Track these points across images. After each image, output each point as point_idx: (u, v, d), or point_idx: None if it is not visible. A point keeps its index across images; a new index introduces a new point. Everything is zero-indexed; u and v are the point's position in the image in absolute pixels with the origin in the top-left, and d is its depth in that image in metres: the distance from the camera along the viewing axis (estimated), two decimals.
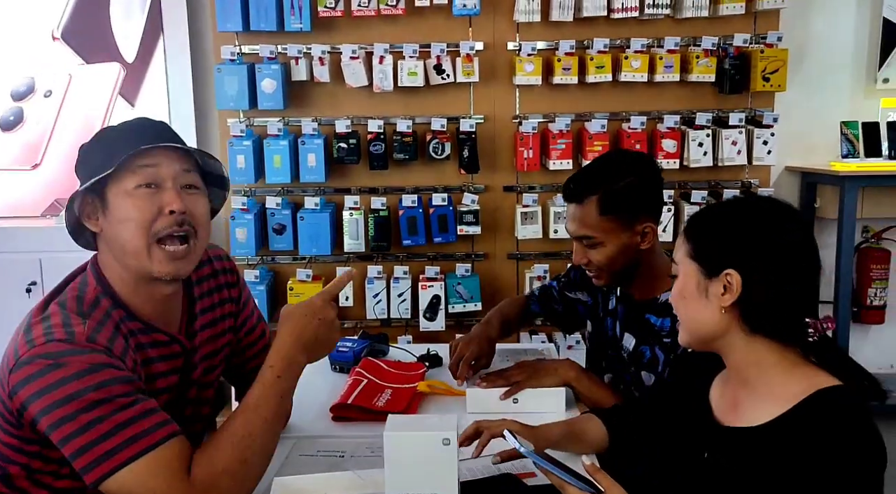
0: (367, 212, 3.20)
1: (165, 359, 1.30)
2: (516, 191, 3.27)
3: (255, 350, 1.52)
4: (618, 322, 1.80)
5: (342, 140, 3.14)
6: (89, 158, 1.27)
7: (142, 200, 1.23)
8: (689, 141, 3.15)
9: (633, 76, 3.10)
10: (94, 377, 1.11)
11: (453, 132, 3.18)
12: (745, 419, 1.16)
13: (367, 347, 1.91)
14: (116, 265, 1.26)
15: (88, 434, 1.09)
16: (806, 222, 1.20)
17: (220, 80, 3.11)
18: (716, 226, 1.19)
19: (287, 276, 3.28)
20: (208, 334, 1.40)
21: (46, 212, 3.40)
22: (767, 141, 3.13)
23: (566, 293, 1.99)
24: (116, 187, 1.23)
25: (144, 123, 1.30)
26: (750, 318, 1.14)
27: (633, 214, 1.66)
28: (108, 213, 1.24)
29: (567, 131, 3.13)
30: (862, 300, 3.40)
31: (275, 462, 1.40)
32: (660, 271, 1.69)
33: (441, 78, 3.12)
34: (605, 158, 1.82)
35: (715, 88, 3.19)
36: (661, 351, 1.67)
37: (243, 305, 1.48)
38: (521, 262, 3.33)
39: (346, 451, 1.44)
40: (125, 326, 1.24)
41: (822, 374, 1.12)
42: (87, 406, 1.09)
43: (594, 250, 1.68)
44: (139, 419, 1.12)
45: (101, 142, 1.29)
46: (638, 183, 1.66)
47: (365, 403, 1.61)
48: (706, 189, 3.22)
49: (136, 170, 1.23)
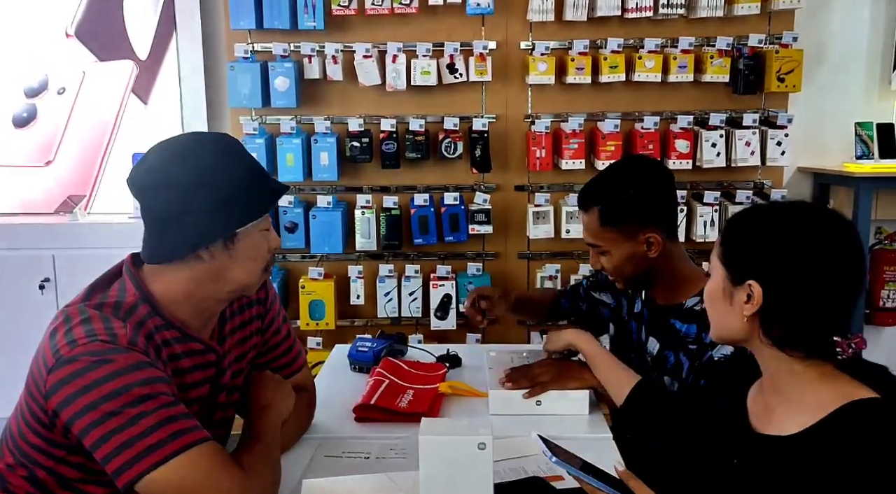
0: (378, 211, 3.20)
1: (199, 368, 1.31)
2: (528, 191, 3.26)
3: (282, 349, 1.52)
4: (643, 326, 1.80)
5: (355, 139, 3.14)
6: (218, 191, 1.21)
7: (265, 242, 1.30)
8: (703, 141, 3.14)
9: (647, 76, 3.10)
10: (140, 373, 1.13)
11: (465, 131, 3.17)
12: (778, 427, 1.14)
13: (386, 347, 1.91)
14: (188, 285, 1.25)
15: (134, 428, 1.09)
16: (854, 237, 1.12)
17: (232, 78, 3.10)
18: (746, 232, 1.16)
19: (299, 275, 3.28)
20: (238, 337, 1.40)
21: (59, 209, 3.41)
22: (781, 142, 3.12)
23: (592, 293, 2.00)
24: (251, 227, 1.26)
25: (245, 158, 1.29)
26: (768, 331, 1.12)
27: (635, 225, 1.66)
28: (233, 250, 1.25)
29: (580, 131, 3.13)
30: (875, 302, 3.40)
31: (300, 464, 1.41)
32: (684, 276, 1.69)
33: (454, 77, 3.12)
34: (613, 167, 1.84)
35: (729, 89, 3.18)
36: (685, 357, 1.66)
37: (270, 306, 1.49)
38: (532, 262, 3.33)
39: (371, 452, 1.44)
40: (160, 336, 1.24)
41: (857, 386, 1.09)
42: (135, 400, 1.10)
43: (604, 257, 1.72)
44: (182, 418, 1.13)
45: (232, 175, 1.23)
46: (639, 194, 1.67)
47: (388, 404, 1.61)
48: (719, 190, 3.21)
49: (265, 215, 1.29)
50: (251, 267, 1.29)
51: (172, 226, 1.21)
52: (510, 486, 1.29)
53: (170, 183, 1.20)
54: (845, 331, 1.12)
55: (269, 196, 1.30)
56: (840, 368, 1.12)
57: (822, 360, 1.11)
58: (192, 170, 1.21)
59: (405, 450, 1.42)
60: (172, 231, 1.21)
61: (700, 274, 1.74)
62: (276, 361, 1.51)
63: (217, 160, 1.23)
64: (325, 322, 3.22)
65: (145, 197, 1.23)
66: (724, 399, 1.29)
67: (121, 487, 1.11)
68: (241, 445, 1.28)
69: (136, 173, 1.24)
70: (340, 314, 3.29)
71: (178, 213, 1.20)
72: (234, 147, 1.29)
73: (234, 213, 1.23)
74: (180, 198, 1.20)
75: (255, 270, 1.30)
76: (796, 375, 1.13)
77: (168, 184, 1.20)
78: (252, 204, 1.25)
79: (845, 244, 1.11)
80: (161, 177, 1.21)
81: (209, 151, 1.24)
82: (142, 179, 1.23)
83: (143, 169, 1.23)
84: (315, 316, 3.22)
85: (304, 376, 1.56)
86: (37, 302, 3.10)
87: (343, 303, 3.27)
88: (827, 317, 1.11)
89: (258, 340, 1.47)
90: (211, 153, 1.24)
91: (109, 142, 3.40)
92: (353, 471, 1.35)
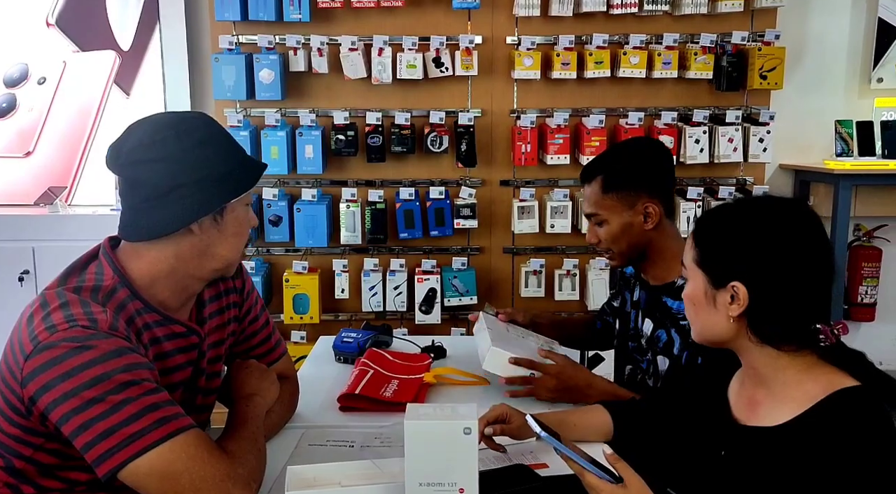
0: (363, 205, 3.19)
1: (182, 351, 1.29)
2: (513, 186, 3.27)
3: (261, 337, 1.51)
4: (640, 311, 1.82)
5: (340, 132, 3.13)
6: (209, 165, 1.21)
7: (246, 217, 1.30)
8: (686, 137, 3.16)
9: (632, 72, 3.12)
10: (121, 360, 1.10)
11: (451, 125, 3.18)
12: (764, 418, 1.16)
13: (371, 338, 1.91)
14: (172, 262, 1.23)
15: (116, 416, 1.07)
16: (819, 224, 1.15)
17: (217, 70, 3.08)
18: (722, 233, 1.17)
19: (283, 268, 3.27)
20: (216, 322, 1.39)
21: (39, 201, 3.36)
22: (763, 138, 3.15)
23: (612, 303, 2.03)
24: (237, 202, 1.26)
25: (228, 135, 1.29)
26: (757, 329, 1.14)
27: (634, 193, 1.72)
28: (222, 225, 1.25)
29: (565, 126, 3.14)
30: (852, 297, 3.44)
31: (285, 452, 1.40)
32: (674, 254, 1.73)
33: (440, 71, 3.12)
34: (617, 143, 1.95)
35: (712, 85, 3.21)
36: (677, 334, 1.68)
37: (247, 295, 1.48)
38: (516, 257, 3.34)
39: (356, 441, 1.43)
40: (141, 319, 1.22)
41: (839, 374, 1.11)
42: (117, 387, 1.08)
43: (601, 228, 1.75)
44: (166, 405, 1.12)
45: (220, 150, 1.23)
46: (640, 162, 1.75)
47: (372, 393, 1.61)
48: (702, 186, 3.23)
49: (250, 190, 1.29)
50: (235, 243, 1.29)
51: (166, 200, 1.19)
52: (494, 473, 1.29)
53: (165, 157, 1.18)
54: (827, 318, 1.14)
55: (255, 169, 1.30)
56: (822, 357, 1.13)
57: (806, 351, 1.13)
58: (185, 145, 1.19)
59: (390, 439, 1.42)
60: (166, 205, 1.19)
61: None
62: (256, 349, 1.50)
63: (206, 134, 1.23)
64: (310, 316, 3.21)
65: (136, 172, 1.20)
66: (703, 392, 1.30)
67: (102, 476, 1.08)
68: (227, 432, 1.26)
69: (121, 148, 1.21)
70: (325, 308, 3.27)
71: (173, 187, 1.18)
72: (217, 123, 1.29)
73: (226, 187, 1.23)
74: (176, 171, 1.18)
75: (238, 246, 1.30)
76: (781, 369, 1.14)
77: (163, 158, 1.18)
78: (241, 178, 1.26)
79: (815, 230, 1.14)
80: (156, 151, 1.18)
81: (199, 126, 1.23)
82: (133, 154, 1.19)
83: (131, 144, 1.20)
84: (299, 310, 3.21)
85: (285, 364, 1.56)
86: (16, 294, 3.06)
87: (327, 297, 3.26)
88: (813, 306, 1.13)
89: (235, 328, 1.45)
90: (200, 128, 1.23)
91: (91, 133, 3.36)
92: (337, 459, 1.33)
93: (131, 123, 1.24)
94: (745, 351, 1.17)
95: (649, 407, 1.44)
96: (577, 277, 3.26)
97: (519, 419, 1.36)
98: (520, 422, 1.35)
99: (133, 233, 1.23)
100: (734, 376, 1.26)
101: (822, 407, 1.08)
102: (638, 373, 1.81)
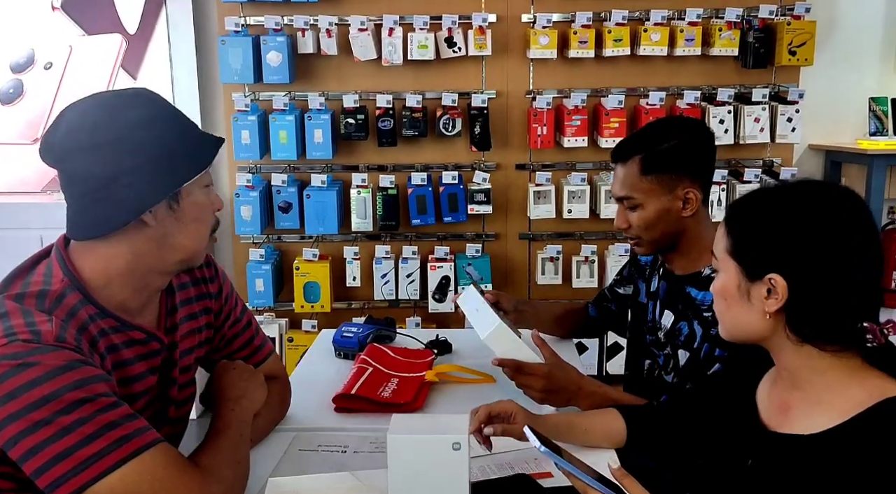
0: (375, 190, 3.11)
1: (143, 359, 1.19)
2: (529, 170, 3.17)
3: (244, 339, 1.42)
4: (658, 302, 1.72)
5: (350, 115, 3.05)
6: (154, 146, 1.09)
7: (208, 201, 1.19)
8: (710, 117, 3.03)
9: (653, 50, 2.99)
10: (71, 375, 1.00)
11: (464, 108, 3.08)
12: (797, 425, 1.05)
13: (372, 333, 1.83)
14: (128, 259, 1.12)
15: (69, 438, 0.98)
16: (867, 212, 1.04)
17: (224, 53, 3.01)
18: (759, 220, 1.05)
19: (293, 255, 3.21)
20: (188, 328, 1.30)
21: (47, 188, 3.32)
22: (792, 118, 3.01)
23: (616, 289, 1.92)
24: (193, 185, 1.14)
25: (174, 110, 1.17)
26: (797, 327, 1.02)
27: (675, 177, 1.59)
28: (179, 212, 1.13)
29: (582, 107, 3.03)
30: (886, 283, 3.29)
31: (273, 458, 1.33)
32: (706, 244, 1.63)
33: (452, 51, 3.02)
34: (656, 121, 1.80)
35: (738, 62, 3.07)
36: (699, 326, 1.58)
37: (225, 299, 1.38)
38: (533, 243, 3.24)
39: (348, 446, 1.36)
40: (95, 326, 1.10)
41: (888, 380, 1.00)
42: (67, 407, 0.98)
43: (634, 213, 1.63)
44: (125, 421, 1.02)
45: (165, 128, 1.11)
46: (681, 145, 1.61)
47: (370, 394, 1.53)
48: (726, 168, 3.11)
49: (207, 169, 1.17)
50: (197, 231, 1.17)
51: (108, 191, 1.06)
52: (495, 484, 1.21)
53: (98, 143, 1.06)
54: (875, 315, 1.03)
55: (210, 145, 1.18)
56: (867, 360, 1.02)
57: (851, 352, 1.02)
58: (123, 126, 1.07)
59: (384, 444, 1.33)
60: (109, 197, 1.07)
61: None
62: (239, 353, 1.41)
63: (147, 112, 1.11)
64: (321, 304, 3.15)
65: (69, 163, 1.08)
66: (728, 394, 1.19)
67: None
68: (205, 442, 1.18)
69: (52, 138, 1.10)
70: (336, 296, 3.21)
71: (112, 176, 1.06)
72: (159, 98, 1.17)
73: (177, 168, 1.11)
74: (113, 158, 1.06)
75: (202, 234, 1.19)
76: (821, 371, 1.03)
77: (96, 146, 1.06)
78: (193, 156, 1.14)
79: (864, 219, 1.02)
80: (87, 138, 1.06)
81: (135, 105, 1.11)
82: (62, 144, 1.07)
83: (60, 133, 1.09)
84: (310, 298, 3.15)
85: (273, 364, 1.47)
86: None
87: (339, 285, 3.19)
88: (860, 302, 1.01)
89: (210, 334, 1.36)
90: (139, 106, 1.11)
91: None
92: (328, 466, 1.27)
93: (64, 108, 1.12)
94: (781, 351, 1.06)
95: (669, 411, 1.34)
96: (595, 264, 3.16)
97: (524, 421, 1.26)
98: (524, 424, 1.24)
99: (79, 231, 1.12)
100: (764, 377, 1.15)
101: (868, 416, 0.97)
102: (655, 369, 1.71)
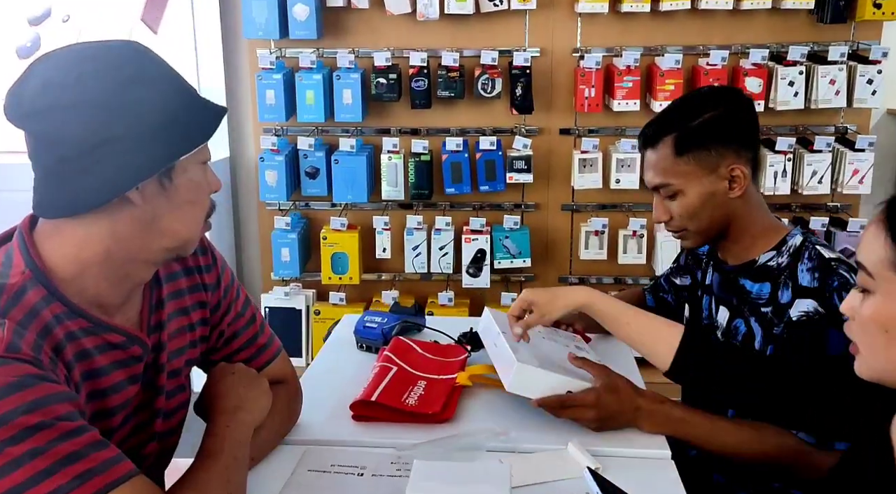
0: (407, 156, 2.92)
1: (121, 366, 1.01)
2: (574, 135, 2.94)
3: (247, 336, 1.24)
4: (713, 297, 1.51)
5: (381, 74, 2.84)
6: (151, 110, 0.93)
7: (204, 179, 1.03)
8: (778, 79, 2.75)
9: (716, 3, 2.70)
10: (25, 394, 0.83)
11: (505, 67, 2.85)
12: None
13: (398, 325, 1.64)
14: (107, 243, 0.95)
15: (19, 473, 0.81)
16: None
17: (247, 6, 2.81)
18: None
19: (321, 224, 3.05)
20: (177, 325, 1.12)
21: None
22: (872, 79, 2.71)
23: (673, 280, 1.70)
24: (190, 159, 0.99)
25: (171, 68, 0.99)
26: None
27: (716, 153, 1.37)
28: (171, 190, 0.97)
29: (635, 67, 2.77)
30: None
31: (278, 480, 1.16)
32: (762, 228, 1.42)
33: (493, 4, 2.77)
34: (685, 96, 1.58)
35: (813, 17, 2.77)
36: (757, 324, 1.37)
37: (225, 291, 1.20)
38: (576, 215, 3.02)
39: (366, 467, 1.18)
40: (62, 328, 0.93)
41: None
42: (18, 434, 0.82)
43: (674, 202, 1.41)
44: (90, 450, 0.85)
45: (164, 89, 0.95)
46: (720, 116, 1.39)
47: (393, 401, 1.34)
48: (793, 136, 2.84)
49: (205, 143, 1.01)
50: (191, 214, 1.01)
51: (91, 159, 0.90)
52: None
53: (85, 100, 0.89)
54: None
55: (210, 115, 1.00)
56: None
57: None
58: (114, 82, 0.90)
59: (408, 466, 1.15)
60: (93, 167, 0.90)
61: (780, 226, 1.44)
62: (241, 353, 1.23)
63: (141, 69, 0.93)
64: (349, 276, 2.99)
65: (43, 124, 0.89)
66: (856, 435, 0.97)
67: None
68: (193, 466, 1.01)
69: (25, 92, 0.89)
70: (365, 267, 3.05)
71: (99, 142, 0.89)
72: (154, 53, 0.98)
73: (174, 138, 0.94)
74: (102, 119, 0.89)
75: (196, 218, 1.02)
76: None
77: (82, 103, 0.89)
78: (192, 126, 0.97)
79: None
80: (68, 96, 0.88)
81: (129, 58, 0.93)
82: (40, 100, 0.89)
83: (35, 86, 0.90)
84: (338, 270, 2.99)
85: (281, 365, 1.28)
86: None
87: (368, 257, 3.03)
88: None
89: (204, 333, 1.18)
90: (132, 61, 0.93)
91: None
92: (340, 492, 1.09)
93: (36, 59, 0.93)
94: None
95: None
96: (643, 239, 2.92)
97: (544, 299, 1.39)
98: (545, 302, 1.38)
99: (50, 208, 0.94)
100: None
101: None
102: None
